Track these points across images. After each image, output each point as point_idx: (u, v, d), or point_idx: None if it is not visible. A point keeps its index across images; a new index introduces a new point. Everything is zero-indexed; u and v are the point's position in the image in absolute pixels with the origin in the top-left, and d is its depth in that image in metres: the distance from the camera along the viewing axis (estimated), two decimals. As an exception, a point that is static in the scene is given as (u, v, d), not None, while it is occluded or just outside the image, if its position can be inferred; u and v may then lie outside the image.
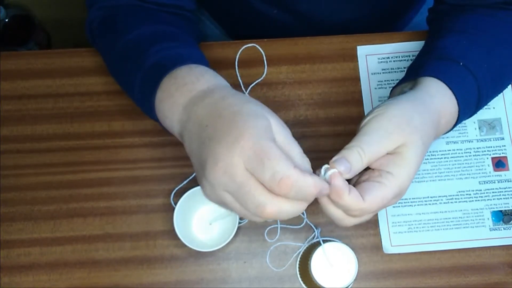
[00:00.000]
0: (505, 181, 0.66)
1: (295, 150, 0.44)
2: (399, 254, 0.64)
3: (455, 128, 0.67)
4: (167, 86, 0.50)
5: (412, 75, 0.57)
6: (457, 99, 0.53)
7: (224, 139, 0.42)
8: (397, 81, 0.69)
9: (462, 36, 0.59)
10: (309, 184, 0.41)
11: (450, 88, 0.53)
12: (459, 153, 0.67)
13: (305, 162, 0.44)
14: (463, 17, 0.61)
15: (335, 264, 0.57)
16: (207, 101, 0.46)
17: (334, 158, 0.46)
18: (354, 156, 0.46)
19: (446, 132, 0.56)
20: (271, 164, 0.40)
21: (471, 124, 0.68)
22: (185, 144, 0.48)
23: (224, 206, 0.45)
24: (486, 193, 0.66)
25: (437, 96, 0.52)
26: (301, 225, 0.64)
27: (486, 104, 0.60)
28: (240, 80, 0.69)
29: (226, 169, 0.41)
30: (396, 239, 0.64)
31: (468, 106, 0.55)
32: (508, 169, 0.66)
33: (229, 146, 0.41)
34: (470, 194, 0.66)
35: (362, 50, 0.70)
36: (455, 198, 0.65)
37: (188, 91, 0.48)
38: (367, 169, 0.49)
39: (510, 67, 0.60)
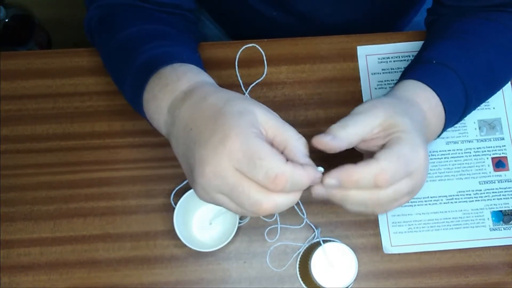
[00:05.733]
0: (505, 181, 0.66)
1: (289, 132, 0.44)
2: (399, 254, 0.64)
3: (455, 128, 0.67)
4: (152, 87, 0.50)
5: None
6: (433, 89, 0.53)
7: (209, 141, 0.41)
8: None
9: (448, 41, 0.59)
10: (303, 176, 0.41)
11: (422, 82, 0.53)
12: (459, 153, 0.67)
13: (301, 143, 0.44)
14: (456, 22, 0.62)
15: (335, 264, 0.57)
16: (188, 102, 0.46)
17: (317, 136, 0.46)
18: (337, 130, 0.46)
19: (446, 126, 0.55)
20: (263, 163, 0.40)
21: (471, 124, 0.68)
22: (172, 147, 0.48)
23: (220, 205, 0.44)
24: (486, 193, 0.66)
25: (408, 90, 0.53)
26: (301, 225, 0.64)
27: (480, 98, 0.60)
28: (240, 80, 0.69)
29: (216, 172, 0.41)
30: (396, 239, 0.64)
31: (452, 96, 0.55)
32: (508, 169, 0.66)
33: (215, 148, 0.41)
34: (470, 194, 0.66)
35: (362, 50, 0.70)
36: (455, 198, 0.65)
37: (170, 92, 0.48)
38: None
39: (502, 66, 0.60)
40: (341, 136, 0.46)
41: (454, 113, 0.56)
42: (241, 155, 0.40)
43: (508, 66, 0.61)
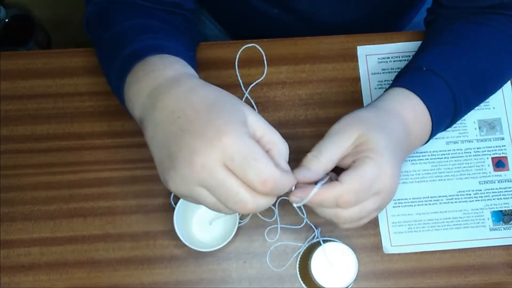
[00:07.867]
0: (505, 181, 0.66)
1: (276, 135, 0.44)
2: (399, 254, 0.64)
3: (455, 128, 0.67)
4: (136, 71, 0.50)
5: None
6: (419, 96, 0.53)
7: (203, 133, 0.41)
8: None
9: (440, 47, 0.60)
10: (289, 181, 0.43)
11: (408, 89, 0.54)
12: (459, 153, 0.67)
13: (286, 148, 0.45)
14: (451, 26, 0.62)
15: (335, 264, 0.57)
16: (175, 90, 0.45)
17: (294, 170, 0.48)
18: (311, 160, 0.48)
19: (434, 131, 0.56)
20: (257, 164, 0.40)
21: (471, 124, 0.68)
22: (145, 131, 0.47)
23: (192, 200, 0.44)
24: (486, 193, 0.66)
25: (392, 99, 0.54)
26: (301, 225, 0.64)
27: (471, 103, 0.60)
28: (240, 80, 0.69)
29: (205, 164, 0.41)
30: (396, 239, 0.64)
31: (439, 102, 0.55)
32: (508, 169, 0.66)
33: (209, 141, 0.41)
34: (470, 194, 0.66)
35: (362, 50, 0.70)
36: (455, 198, 0.65)
37: (154, 78, 0.48)
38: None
39: (493, 71, 0.60)
40: (315, 168, 0.48)
41: (442, 119, 0.56)
42: (235, 153, 0.40)
43: (499, 71, 0.61)
